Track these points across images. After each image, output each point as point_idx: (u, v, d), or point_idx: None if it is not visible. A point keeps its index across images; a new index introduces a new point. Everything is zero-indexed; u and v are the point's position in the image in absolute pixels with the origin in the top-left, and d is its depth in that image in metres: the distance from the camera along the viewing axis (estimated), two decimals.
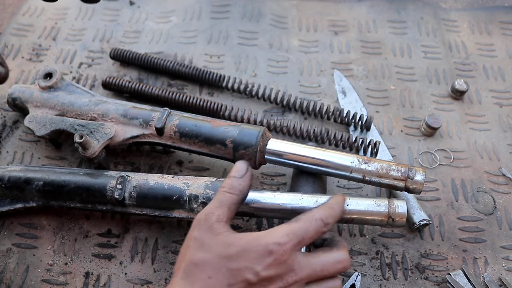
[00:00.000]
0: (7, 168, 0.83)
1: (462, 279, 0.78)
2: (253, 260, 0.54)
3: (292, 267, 0.56)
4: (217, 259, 0.55)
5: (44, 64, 1.10)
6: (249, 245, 0.55)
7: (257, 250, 0.55)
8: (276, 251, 0.55)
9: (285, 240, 0.56)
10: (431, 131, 0.96)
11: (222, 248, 0.56)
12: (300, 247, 0.57)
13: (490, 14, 1.21)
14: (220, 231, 0.58)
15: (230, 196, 0.62)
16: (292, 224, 0.58)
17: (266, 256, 0.54)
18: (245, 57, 1.11)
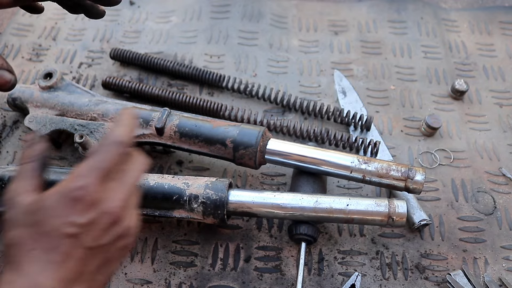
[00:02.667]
0: (7, 168, 0.83)
1: (462, 279, 0.78)
2: (63, 213, 0.49)
3: (105, 196, 0.51)
4: (28, 230, 0.50)
5: (44, 64, 1.10)
6: (52, 201, 0.50)
7: (62, 202, 0.49)
8: (82, 195, 0.49)
9: (84, 179, 0.50)
10: (431, 131, 0.96)
11: (27, 217, 0.50)
12: (107, 176, 0.52)
13: (490, 14, 1.21)
14: (23, 202, 0.52)
15: (28, 164, 0.56)
16: (88, 160, 0.52)
17: (75, 203, 0.49)
18: (245, 57, 1.11)
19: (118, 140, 0.54)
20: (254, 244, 0.83)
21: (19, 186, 0.55)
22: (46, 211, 0.50)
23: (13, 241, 0.50)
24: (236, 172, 0.92)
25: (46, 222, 0.49)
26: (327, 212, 0.74)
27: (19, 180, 0.56)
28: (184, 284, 0.78)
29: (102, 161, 0.52)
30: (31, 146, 0.58)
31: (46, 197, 0.51)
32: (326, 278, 0.79)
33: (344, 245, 0.83)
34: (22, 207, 0.52)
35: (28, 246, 0.49)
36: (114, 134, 0.54)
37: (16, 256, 0.49)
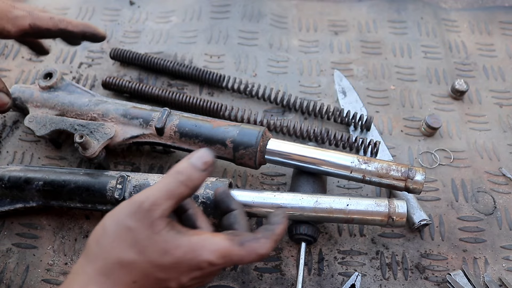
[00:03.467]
0: (7, 168, 0.83)
1: (462, 279, 0.78)
2: (183, 272, 0.52)
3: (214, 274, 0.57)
4: (148, 266, 0.51)
5: (44, 64, 1.10)
6: (183, 258, 0.52)
7: (189, 264, 0.52)
8: (206, 268, 0.53)
9: (220, 262, 0.53)
10: (431, 131, 0.96)
11: (157, 254, 0.51)
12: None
13: (490, 14, 1.21)
14: (160, 228, 0.51)
15: (184, 188, 0.53)
16: (234, 248, 0.53)
17: (196, 271, 0.53)
18: (245, 57, 1.11)
19: (263, 255, 0.55)
20: None
21: (163, 204, 0.52)
22: (174, 262, 0.51)
23: (126, 262, 0.50)
24: (236, 172, 0.92)
25: (166, 271, 0.51)
26: (327, 212, 0.74)
27: (165, 196, 0.52)
28: None
29: (240, 259, 0.54)
30: (202, 169, 0.54)
31: (181, 245, 0.52)
32: (326, 278, 0.79)
33: (344, 245, 0.83)
34: (157, 235, 0.51)
35: (136, 277, 0.50)
36: (267, 247, 0.55)
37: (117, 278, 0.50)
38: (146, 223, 0.51)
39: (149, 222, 0.51)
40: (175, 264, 0.51)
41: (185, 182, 0.53)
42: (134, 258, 0.50)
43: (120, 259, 0.50)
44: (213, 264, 0.52)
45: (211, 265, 0.52)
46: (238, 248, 0.53)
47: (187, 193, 0.53)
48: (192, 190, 0.54)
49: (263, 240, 0.55)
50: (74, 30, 0.77)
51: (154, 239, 0.51)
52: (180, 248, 0.51)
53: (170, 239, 0.51)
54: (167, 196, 0.52)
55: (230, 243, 0.53)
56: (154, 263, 0.51)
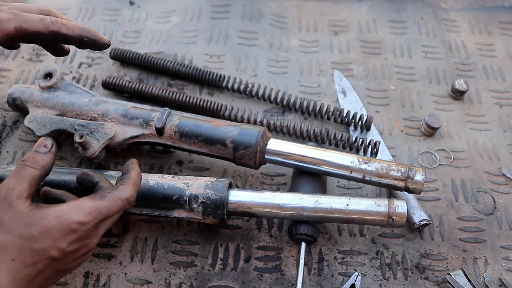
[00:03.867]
0: (7, 168, 0.83)
1: (462, 279, 0.78)
2: (57, 238, 0.55)
3: (94, 235, 0.60)
4: (19, 241, 0.54)
5: (44, 64, 1.10)
6: (51, 224, 0.55)
7: (60, 229, 0.56)
8: (79, 229, 0.57)
9: (89, 219, 0.58)
10: (431, 131, 0.96)
11: (24, 228, 0.55)
12: (102, 223, 0.60)
13: (490, 14, 1.21)
14: (21, 208, 0.56)
15: (31, 170, 0.60)
16: (97, 202, 0.59)
17: (70, 234, 0.56)
18: (245, 57, 1.11)
19: (127, 197, 0.62)
20: (254, 244, 0.83)
21: (19, 187, 0.58)
22: (43, 230, 0.55)
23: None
24: (236, 172, 0.92)
25: (38, 241, 0.54)
26: (327, 212, 0.74)
27: (17, 181, 0.58)
28: (184, 284, 0.78)
29: (108, 210, 0.60)
30: (43, 152, 0.62)
31: (46, 215, 0.56)
32: (326, 278, 0.79)
33: (344, 245, 0.83)
34: (19, 214, 0.55)
35: (12, 254, 0.53)
36: (126, 190, 0.62)
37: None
38: (6, 207, 0.56)
39: (8, 205, 0.56)
40: (45, 232, 0.55)
41: (31, 165, 0.60)
42: (3, 238, 0.54)
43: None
44: (83, 222, 0.57)
45: (83, 224, 0.57)
46: (101, 201, 0.60)
47: (36, 174, 0.60)
48: (41, 171, 0.61)
49: (121, 186, 0.63)
50: (69, 34, 0.68)
51: (18, 217, 0.55)
52: (45, 217, 0.56)
53: (33, 214, 0.56)
54: (18, 180, 0.58)
55: (92, 200, 0.59)
56: (24, 237, 0.54)
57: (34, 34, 0.66)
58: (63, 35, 0.68)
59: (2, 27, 0.63)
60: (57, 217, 0.56)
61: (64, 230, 0.56)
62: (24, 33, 0.65)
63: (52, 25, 0.67)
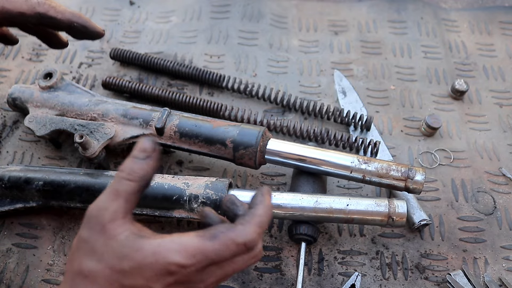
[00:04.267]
0: (7, 168, 0.83)
1: (462, 279, 0.78)
2: (150, 278, 0.47)
3: (199, 280, 0.49)
4: (109, 272, 0.47)
5: (44, 64, 1.10)
6: (146, 261, 0.47)
7: (155, 268, 0.47)
8: (177, 272, 0.47)
9: (190, 262, 0.47)
10: (431, 131, 0.96)
11: (116, 259, 0.47)
12: (213, 267, 0.49)
13: (490, 14, 1.21)
14: (115, 233, 0.48)
15: (128, 184, 0.50)
16: (205, 243, 0.48)
17: (166, 276, 0.47)
18: (245, 57, 1.11)
19: (244, 242, 0.49)
20: None
21: (113, 207, 0.49)
22: (136, 266, 0.47)
23: (87, 271, 0.47)
24: (236, 172, 0.92)
25: (129, 277, 0.47)
26: (327, 212, 0.74)
27: (111, 198, 0.49)
28: None
29: (217, 255, 0.48)
30: (141, 158, 0.51)
31: (143, 249, 0.47)
32: (326, 278, 0.79)
33: (344, 245, 0.83)
34: (112, 241, 0.48)
35: (100, 285, 0.47)
36: (246, 234, 0.49)
37: (79, 286, 0.47)
38: (98, 229, 0.48)
39: (101, 228, 0.48)
40: (137, 269, 0.47)
41: (127, 177, 0.50)
42: (93, 266, 0.47)
43: (80, 269, 0.48)
44: (182, 265, 0.47)
45: (182, 267, 0.47)
46: (210, 242, 0.48)
47: (134, 187, 0.50)
48: (139, 182, 0.50)
49: (240, 227, 0.50)
50: (58, 17, 0.62)
51: (110, 245, 0.48)
52: (141, 251, 0.47)
53: (128, 243, 0.48)
54: (113, 197, 0.49)
55: (199, 239, 0.48)
56: (114, 269, 0.47)
57: (18, 16, 0.60)
58: (51, 18, 0.62)
59: None
60: (154, 254, 0.47)
61: (159, 270, 0.47)
62: (6, 14, 0.59)
63: (38, 7, 0.61)
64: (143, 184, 0.51)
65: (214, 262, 0.48)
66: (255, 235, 0.50)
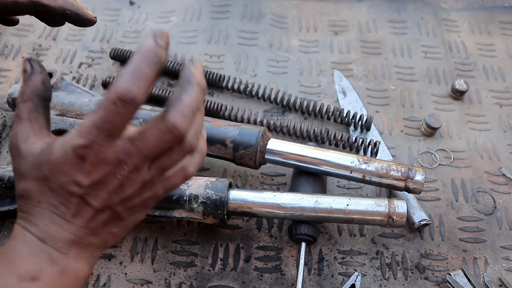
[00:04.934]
0: (7, 168, 0.83)
1: (462, 279, 0.78)
2: (67, 171, 0.46)
3: (117, 159, 0.46)
4: (36, 183, 0.48)
5: (44, 64, 1.10)
6: (57, 157, 0.47)
7: (66, 160, 0.46)
8: (87, 154, 0.45)
9: (89, 139, 0.44)
10: (431, 131, 0.96)
11: (36, 170, 0.48)
12: (116, 136, 0.45)
13: (490, 14, 1.21)
14: (31, 150, 0.49)
15: (23, 105, 0.51)
16: (93, 116, 0.45)
17: (80, 163, 0.46)
18: (245, 57, 1.11)
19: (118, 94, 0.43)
20: (254, 244, 0.83)
21: (21, 130, 0.51)
22: (52, 166, 0.47)
23: (22, 193, 0.50)
24: (236, 172, 0.92)
25: (53, 178, 0.47)
26: (327, 212, 0.74)
27: (20, 123, 0.51)
28: (184, 284, 0.78)
29: (103, 120, 0.44)
30: (28, 78, 0.51)
31: (53, 148, 0.47)
32: (326, 278, 0.79)
33: (344, 245, 0.83)
34: (29, 157, 0.49)
35: (36, 199, 0.48)
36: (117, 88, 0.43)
37: (25, 208, 0.49)
38: (17, 154, 0.50)
39: (17, 152, 0.50)
40: (54, 168, 0.47)
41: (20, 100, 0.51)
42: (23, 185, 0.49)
43: (18, 193, 0.51)
44: (84, 145, 0.45)
45: (86, 148, 0.45)
46: (95, 113, 0.44)
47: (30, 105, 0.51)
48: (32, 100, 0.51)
49: (115, 85, 0.43)
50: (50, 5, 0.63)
51: (28, 161, 0.49)
52: (52, 151, 0.47)
53: (43, 152, 0.49)
54: (17, 122, 0.51)
55: (89, 116, 0.45)
56: (39, 179, 0.48)
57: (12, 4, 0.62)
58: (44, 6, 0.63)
59: None
60: (61, 147, 0.47)
61: (71, 160, 0.46)
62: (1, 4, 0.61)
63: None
64: (38, 99, 0.51)
65: (109, 131, 0.44)
66: (124, 83, 0.42)
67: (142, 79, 0.43)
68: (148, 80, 0.43)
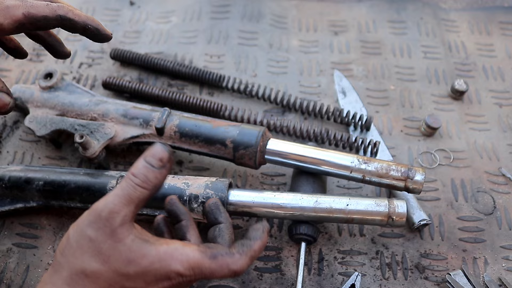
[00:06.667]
0: (7, 168, 0.83)
1: (462, 279, 0.78)
2: (151, 282, 0.51)
3: (185, 286, 0.54)
4: (113, 275, 0.49)
5: (45, 64, 1.10)
6: (151, 268, 0.50)
7: (157, 274, 0.50)
8: (175, 279, 0.51)
9: (188, 273, 0.52)
10: (431, 131, 0.96)
11: (122, 264, 0.49)
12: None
13: (489, 14, 1.21)
14: (123, 237, 0.50)
15: (142, 191, 0.51)
16: (205, 260, 0.52)
17: (164, 280, 0.51)
18: (245, 57, 1.11)
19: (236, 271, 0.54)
20: None
21: (121, 210, 0.50)
22: (141, 272, 0.50)
23: (90, 272, 0.49)
24: (236, 172, 0.92)
25: (134, 280, 0.50)
26: (327, 212, 0.74)
27: (123, 202, 0.50)
28: None
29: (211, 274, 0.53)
30: (157, 167, 0.51)
31: (149, 255, 0.50)
32: (326, 278, 0.79)
33: (344, 245, 0.83)
34: (120, 245, 0.49)
35: (100, 286, 0.49)
36: (241, 263, 0.55)
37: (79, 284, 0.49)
38: (107, 232, 0.49)
39: (110, 231, 0.49)
40: (141, 274, 0.50)
41: (142, 185, 0.51)
42: (98, 268, 0.49)
43: (83, 269, 0.49)
44: (181, 275, 0.51)
45: (180, 276, 0.51)
46: (209, 261, 0.52)
47: (146, 195, 0.52)
48: (151, 191, 0.52)
49: (237, 255, 0.54)
50: (75, 19, 0.67)
51: (118, 248, 0.50)
52: (147, 257, 0.50)
53: (135, 248, 0.50)
54: (126, 202, 0.50)
55: (201, 255, 0.53)
56: (119, 273, 0.49)
57: (42, 19, 0.65)
58: (70, 20, 0.67)
59: (11, 13, 0.62)
60: (160, 261, 0.50)
61: (160, 276, 0.51)
62: (32, 19, 0.64)
63: (59, 10, 0.66)
64: (155, 192, 0.53)
65: (206, 278, 0.53)
66: (246, 266, 0.54)
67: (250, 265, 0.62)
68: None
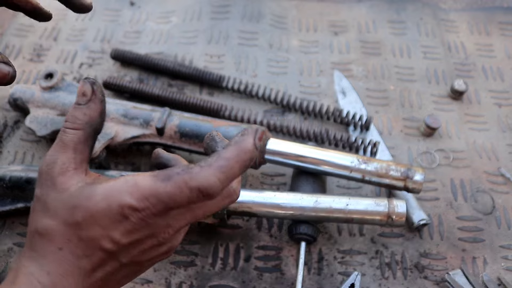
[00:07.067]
0: (8, 168, 0.84)
1: (461, 279, 0.78)
2: (106, 226, 0.43)
3: (166, 225, 0.45)
4: (65, 228, 0.43)
5: (45, 64, 1.10)
6: (98, 208, 0.43)
7: (108, 214, 0.43)
8: (132, 216, 0.42)
9: (143, 205, 0.42)
10: (430, 131, 0.96)
11: (68, 212, 0.43)
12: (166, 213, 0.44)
13: (489, 14, 1.22)
14: (66, 186, 0.45)
15: (73, 132, 0.46)
16: (157, 184, 0.42)
17: (122, 221, 0.43)
18: (245, 58, 1.11)
19: (200, 188, 0.41)
20: (254, 244, 0.83)
21: (62, 160, 0.46)
22: (90, 215, 0.43)
23: (42, 231, 0.44)
24: None
25: (85, 228, 0.43)
26: (327, 211, 0.75)
27: (62, 152, 0.46)
28: (185, 284, 0.78)
29: (170, 198, 0.42)
30: (86, 105, 0.47)
31: (94, 195, 0.43)
32: (325, 277, 0.80)
33: (343, 245, 0.83)
34: (63, 194, 0.44)
35: (58, 244, 0.44)
36: (202, 177, 0.42)
37: (40, 250, 0.44)
38: (49, 185, 0.45)
39: (51, 183, 0.45)
40: (91, 219, 0.43)
41: (72, 126, 0.47)
42: (48, 224, 0.44)
43: (36, 229, 0.45)
44: (135, 208, 0.42)
45: (135, 210, 0.42)
46: (163, 184, 0.42)
47: (81, 135, 0.47)
48: (85, 129, 0.47)
49: (197, 169, 0.42)
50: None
51: (61, 198, 0.44)
52: (92, 198, 0.43)
53: (80, 194, 0.44)
54: (59, 149, 0.46)
55: (152, 179, 0.42)
56: (69, 223, 0.43)
57: None
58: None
59: None
60: (106, 198, 0.43)
61: (113, 215, 0.43)
62: None
63: None
64: (90, 130, 0.48)
65: (170, 207, 0.42)
66: (213, 180, 0.41)
67: (229, 179, 0.42)
68: (234, 179, 0.43)
